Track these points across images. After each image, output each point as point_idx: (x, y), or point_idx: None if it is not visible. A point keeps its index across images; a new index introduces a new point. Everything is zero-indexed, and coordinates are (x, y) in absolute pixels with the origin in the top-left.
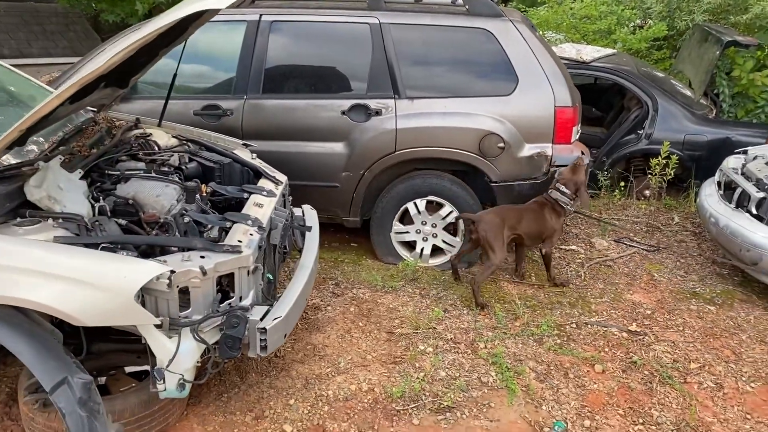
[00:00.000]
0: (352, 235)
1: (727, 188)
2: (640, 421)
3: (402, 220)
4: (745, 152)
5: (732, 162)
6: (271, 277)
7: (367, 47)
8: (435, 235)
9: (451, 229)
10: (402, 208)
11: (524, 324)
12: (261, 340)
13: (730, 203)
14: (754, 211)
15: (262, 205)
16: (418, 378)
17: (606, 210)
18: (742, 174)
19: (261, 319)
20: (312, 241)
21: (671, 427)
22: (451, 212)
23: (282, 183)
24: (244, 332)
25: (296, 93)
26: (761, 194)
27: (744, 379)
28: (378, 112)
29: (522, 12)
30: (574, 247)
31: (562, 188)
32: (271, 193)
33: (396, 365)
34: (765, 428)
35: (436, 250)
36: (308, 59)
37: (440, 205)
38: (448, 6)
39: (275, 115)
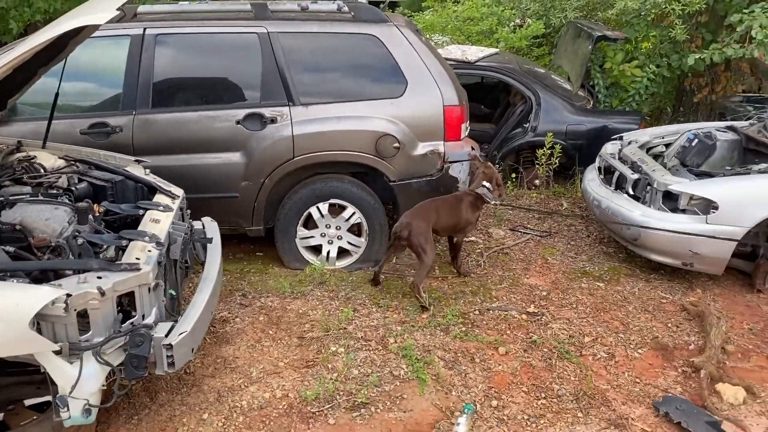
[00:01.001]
0: (256, 244)
1: (607, 172)
2: (543, 396)
3: (306, 225)
4: (620, 138)
5: (609, 148)
6: (174, 293)
7: (257, 56)
8: (340, 238)
9: (356, 230)
10: (305, 213)
11: (431, 316)
12: (168, 356)
13: (610, 186)
14: (631, 192)
15: (159, 221)
16: (331, 379)
17: (500, 201)
18: (619, 158)
19: (166, 336)
20: (214, 253)
21: (570, 397)
22: (354, 213)
23: (179, 197)
24: (149, 350)
25: (188, 105)
26: (636, 176)
27: (632, 346)
28: (273, 120)
29: (408, 17)
30: (473, 238)
31: (487, 184)
32: (167, 208)
33: (309, 369)
34: (652, 389)
35: (342, 252)
36: (198, 71)
37: (343, 208)
38: (334, 13)
39: (167, 128)
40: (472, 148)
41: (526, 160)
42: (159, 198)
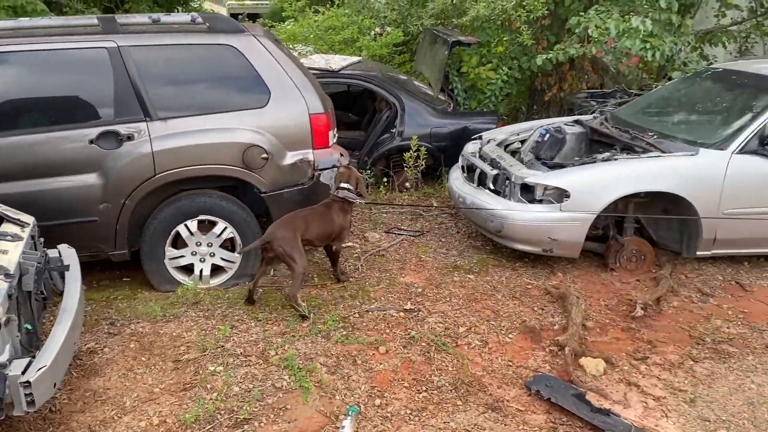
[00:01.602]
0: (122, 269)
1: (470, 170)
2: (424, 389)
3: (175, 245)
4: (480, 138)
5: (470, 147)
6: (31, 327)
7: (107, 72)
8: (212, 254)
9: (229, 245)
10: (173, 232)
11: (311, 323)
12: (26, 394)
13: (473, 183)
14: (492, 187)
15: (7, 252)
16: (211, 399)
17: (375, 205)
18: (480, 156)
19: (23, 373)
20: (73, 282)
21: (450, 387)
22: (225, 228)
23: (29, 225)
24: (4, 390)
25: (34, 127)
26: (495, 171)
27: (503, 332)
28: (130, 137)
29: (269, 27)
30: (350, 243)
31: (346, 185)
32: (16, 237)
33: (187, 391)
34: (524, 370)
35: (216, 269)
36: (44, 90)
37: (213, 223)
38: (188, 24)
39: (12, 153)
40: (341, 155)
41: (395, 164)
42: (6, 227)
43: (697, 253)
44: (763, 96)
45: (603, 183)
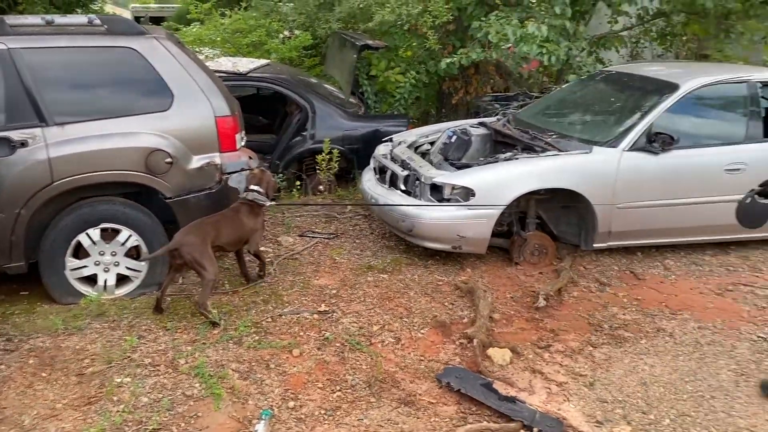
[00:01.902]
0: (19, 282)
1: (382, 172)
2: (338, 388)
3: (76, 255)
4: (390, 140)
5: (382, 149)
6: None
7: None
8: (117, 264)
9: (134, 253)
10: (74, 242)
11: (222, 330)
12: None
13: (385, 184)
14: (403, 188)
15: None
16: (118, 411)
17: (288, 209)
18: (391, 158)
19: None
20: None
21: (363, 385)
22: (130, 236)
23: None
24: None
25: None
26: (406, 172)
27: (416, 328)
28: (24, 144)
29: (174, 30)
30: (263, 248)
31: (256, 188)
32: None
33: (91, 405)
34: (435, 364)
35: (122, 279)
36: None
37: (117, 231)
38: (85, 26)
39: None
40: (250, 158)
41: (308, 168)
42: None
43: (594, 245)
44: (650, 97)
45: (506, 181)
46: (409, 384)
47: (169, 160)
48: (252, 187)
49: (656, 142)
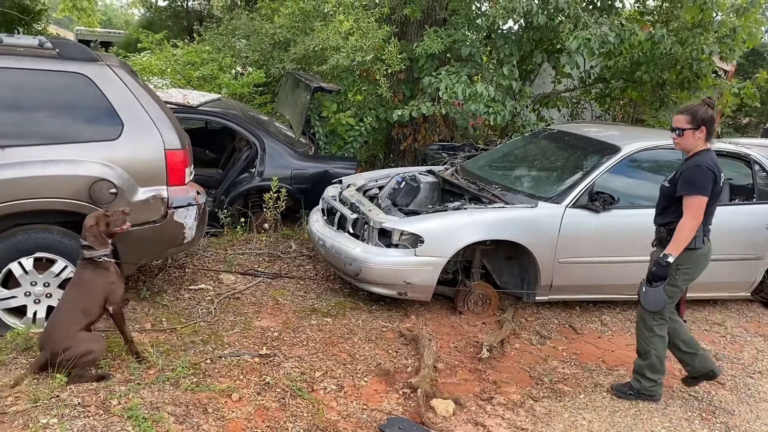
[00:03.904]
0: None
1: (330, 213)
2: None
3: (5, 285)
4: (340, 182)
5: (331, 191)
6: None
7: None
8: (49, 295)
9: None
10: (4, 271)
11: (159, 370)
12: None
13: (333, 226)
14: (352, 231)
15: None
16: None
17: (230, 246)
18: (340, 200)
19: None
20: None
21: None
22: (65, 267)
23: None
24: None
25: None
26: (355, 215)
27: (359, 375)
28: None
29: (123, 57)
30: (203, 285)
31: (84, 242)
32: None
33: None
34: (378, 413)
35: (52, 311)
36: None
37: (52, 261)
38: (35, 49)
39: None
40: (198, 193)
41: (254, 205)
42: None
43: (536, 298)
44: (591, 156)
45: (454, 230)
46: None
47: (113, 190)
48: (82, 242)
49: (598, 200)
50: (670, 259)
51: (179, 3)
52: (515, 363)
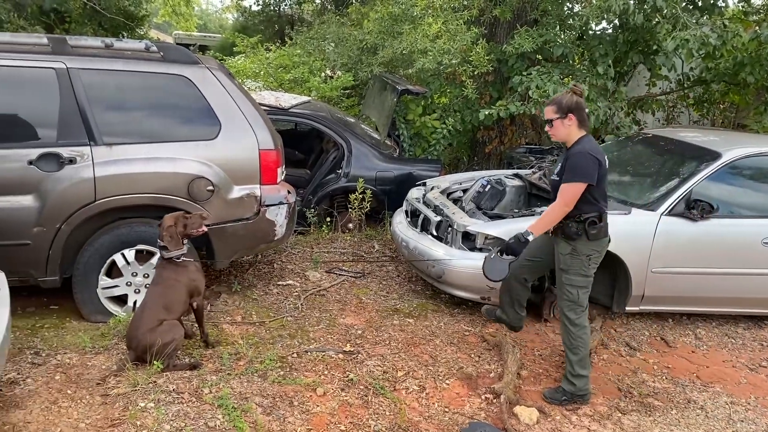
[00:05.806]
0: (51, 296)
1: (413, 215)
2: None
3: (109, 274)
4: (424, 184)
5: (415, 193)
6: None
7: (54, 93)
8: (147, 286)
9: None
10: (109, 261)
11: (248, 362)
12: None
13: (417, 228)
14: (435, 233)
15: None
16: None
17: (316, 244)
18: (424, 203)
19: None
20: (1, 308)
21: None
22: None
23: None
24: None
25: None
26: (439, 218)
27: (441, 378)
28: (72, 161)
29: (220, 60)
30: (290, 281)
31: (162, 243)
32: None
33: (115, 428)
34: (460, 417)
35: None
36: None
37: (151, 254)
38: (142, 52)
39: None
40: (289, 192)
41: (339, 205)
42: None
43: (626, 308)
44: (689, 162)
45: None
46: None
47: (210, 187)
48: (159, 242)
49: (695, 209)
50: (530, 237)
51: (272, 7)
52: (602, 374)
